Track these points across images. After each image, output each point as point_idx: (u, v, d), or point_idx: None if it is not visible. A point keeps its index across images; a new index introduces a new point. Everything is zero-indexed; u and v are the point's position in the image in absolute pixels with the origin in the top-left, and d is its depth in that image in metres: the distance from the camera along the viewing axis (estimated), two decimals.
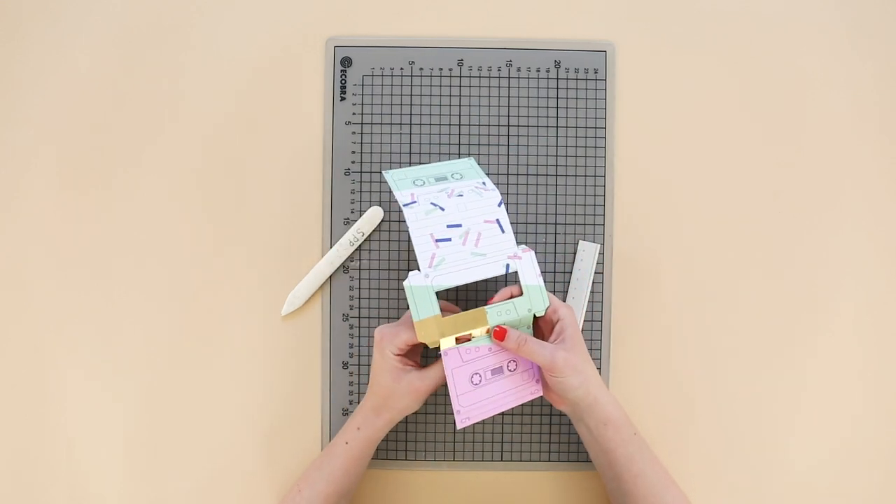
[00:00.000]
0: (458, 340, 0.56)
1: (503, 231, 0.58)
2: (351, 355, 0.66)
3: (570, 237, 0.66)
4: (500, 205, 0.59)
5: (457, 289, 0.65)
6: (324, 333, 0.66)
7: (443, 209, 0.57)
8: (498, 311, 0.57)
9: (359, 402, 0.66)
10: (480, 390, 0.57)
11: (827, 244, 0.66)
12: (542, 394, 0.59)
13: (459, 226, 0.57)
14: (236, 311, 0.66)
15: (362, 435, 0.59)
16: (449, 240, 0.57)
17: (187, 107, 0.66)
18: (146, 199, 0.66)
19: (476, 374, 0.57)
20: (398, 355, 0.57)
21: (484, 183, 0.60)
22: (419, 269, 0.56)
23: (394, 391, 0.57)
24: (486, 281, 0.64)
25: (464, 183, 0.60)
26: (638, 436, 0.58)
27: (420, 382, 0.57)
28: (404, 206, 0.57)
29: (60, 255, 0.66)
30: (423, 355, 0.64)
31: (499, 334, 0.56)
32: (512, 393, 0.59)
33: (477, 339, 0.57)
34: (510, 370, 0.58)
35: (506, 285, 0.58)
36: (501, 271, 0.57)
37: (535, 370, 0.59)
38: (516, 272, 0.57)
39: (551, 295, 0.58)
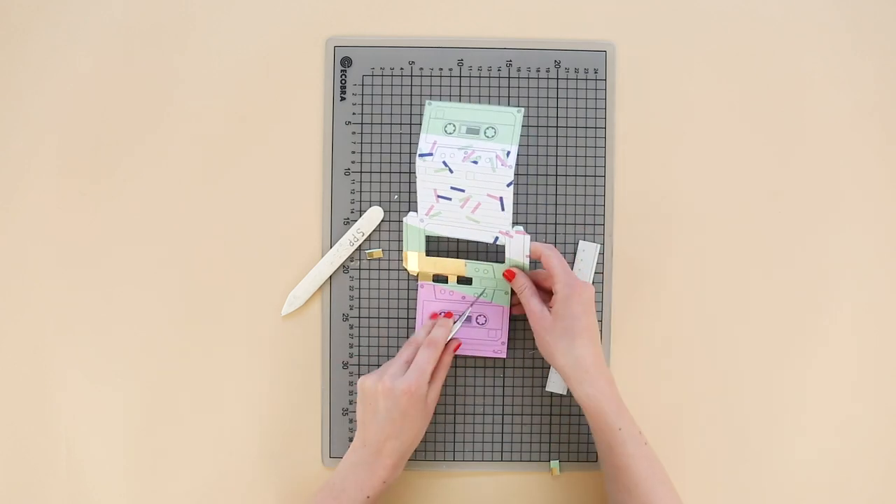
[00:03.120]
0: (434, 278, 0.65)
1: (503, 209, 0.60)
2: (351, 355, 0.66)
3: (570, 237, 0.66)
4: (508, 185, 0.59)
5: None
6: (324, 333, 0.66)
7: (451, 171, 0.59)
8: (476, 268, 0.64)
9: None
10: None
11: (827, 244, 0.66)
12: (504, 356, 0.64)
13: (462, 191, 0.60)
14: (236, 310, 0.66)
15: (387, 486, 0.58)
16: (449, 199, 0.61)
17: (187, 107, 0.66)
18: (146, 199, 0.66)
19: (444, 313, 0.64)
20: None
21: (508, 153, 0.59)
22: (417, 213, 0.62)
23: (424, 419, 0.59)
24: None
25: (489, 146, 0.59)
26: (624, 430, 0.56)
27: (437, 388, 0.60)
28: (420, 155, 0.59)
29: (60, 254, 0.66)
30: None
31: (509, 273, 0.62)
32: (476, 343, 0.65)
33: (451, 285, 0.65)
34: (479, 323, 0.65)
35: (488, 255, 0.64)
36: (489, 240, 0.62)
37: (504, 333, 0.64)
38: (503, 246, 0.61)
39: (561, 268, 0.59)
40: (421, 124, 0.60)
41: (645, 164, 0.66)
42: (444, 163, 0.59)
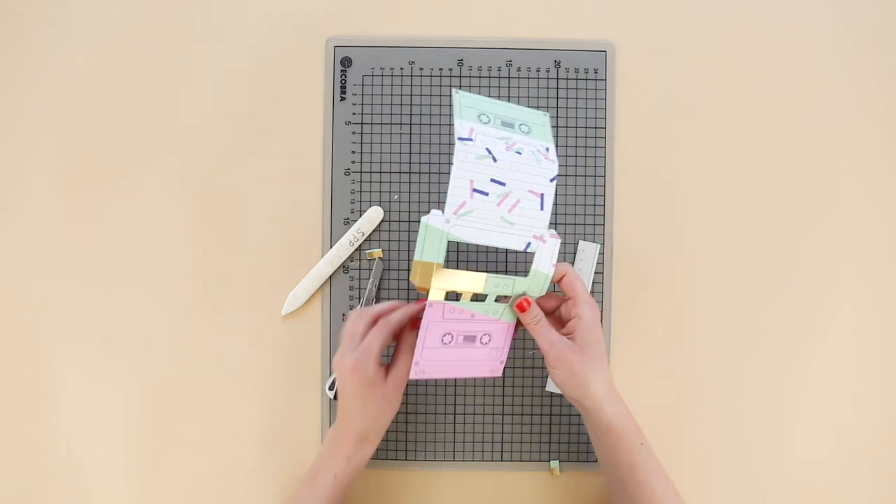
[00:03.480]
0: (446, 295, 0.54)
1: (542, 209, 0.55)
2: None
3: (570, 237, 0.66)
4: (552, 180, 0.55)
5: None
6: (324, 333, 0.66)
7: (495, 160, 0.53)
8: (496, 283, 0.55)
9: None
10: (447, 350, 0.56)
11: (827, 243, 0.66)
12: (499, 375, 0.60)
13: (503, 185, 0.53)
14: (236, 310, 0.66)
15: (352, 465, 0.57)
16: (486, 194, 0.53)
17: (187, 107, 0.66)
18: (146, 199, 0.66)
19: (448, 334, 0.56)
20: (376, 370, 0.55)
21: (547, 149, 0.55)
22: (443, 212, 0.52)
23: (382, 408, 0.56)
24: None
25: (528, 140, 0.55)
26: (645, 445, 0.56)
27: (401, 371, 0.56)
28: (460, 139, 0.52)
29: (60, 254, 0.66)
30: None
31: (521, 306, 0.56)
32: (474, 363, 0.58)
33: (464, 303, 0.55)
34: (482, 343, 0.57)
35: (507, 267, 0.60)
36: (521, 247, 0.55)
37: (505, 352, 0.59)
38: (533, 253, 0.55)
39: (585, 291, 0.56)
40: (454, 107, 0.54)
41: (645, 164, 0.66)
42: (488, 149, 0.53)
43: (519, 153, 0.54)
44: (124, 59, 0.66)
